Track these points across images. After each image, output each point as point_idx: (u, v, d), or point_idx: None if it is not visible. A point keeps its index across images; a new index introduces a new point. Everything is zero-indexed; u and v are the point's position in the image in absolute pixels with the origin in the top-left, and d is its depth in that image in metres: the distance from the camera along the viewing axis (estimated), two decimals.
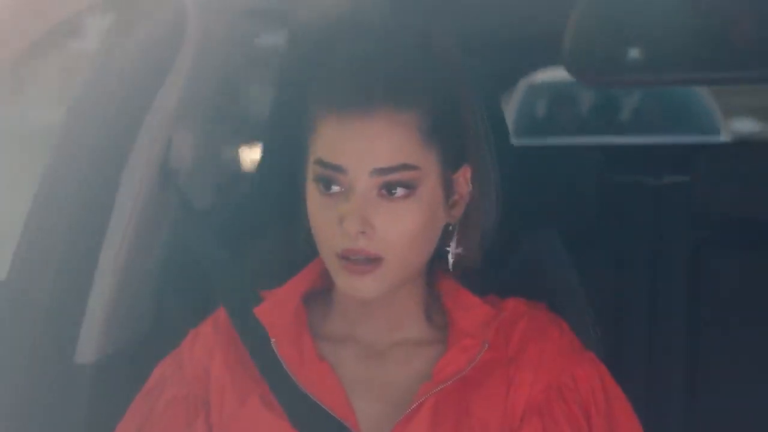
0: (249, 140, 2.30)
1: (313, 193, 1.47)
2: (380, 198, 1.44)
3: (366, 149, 1.43)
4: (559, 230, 1.75)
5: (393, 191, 1.44)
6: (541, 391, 1.51)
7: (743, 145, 4.46)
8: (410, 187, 1.44)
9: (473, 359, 1.50)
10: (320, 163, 1.45)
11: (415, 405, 1.47)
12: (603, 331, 1.70)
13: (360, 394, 1.50)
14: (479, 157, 1.53)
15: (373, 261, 1.44)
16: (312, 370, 1.50)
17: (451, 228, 1.52)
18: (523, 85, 5.57)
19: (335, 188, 1.45)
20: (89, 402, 1.91)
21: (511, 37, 2.58)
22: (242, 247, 1.74)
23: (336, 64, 1.46)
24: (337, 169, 1.44)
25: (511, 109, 5.57)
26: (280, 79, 1.93)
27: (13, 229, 1.93)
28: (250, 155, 2.17)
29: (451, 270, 1.53)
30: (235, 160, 2.41)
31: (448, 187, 1.49)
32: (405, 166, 1.44)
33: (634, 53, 1.98)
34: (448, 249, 1.52)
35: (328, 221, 1.45)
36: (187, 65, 1.95)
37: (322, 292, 1.57)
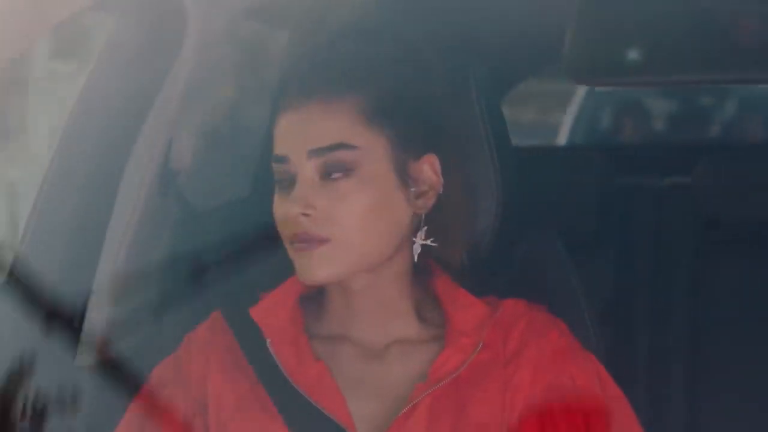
0: (248, 141, 2.30)
1: (275, 191, 1.51)
2: (323, 181, 1.47)
3: (301, 133, 1.47)
4: (559, 231, 1.75)
5: (334, 173, 1.46)
6: (540, 392, 1.50)
7: (745, 145, 4.45)
8: (350, 167, 1.46)
9: (468, 359, 1.50)
10: (273, 158, 1.50)
11: (411, 405, 1.47)
12: (603, 331, 1.70)
13: (356, 394, 1.50)
14: (450, 148, 1.53)
15: (318, 241, 1.46)
16: (308, 371, 1.50)
17: (419, 219, 1.52)
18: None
19: (286, 181, 1.49)
20: (89, 403, 1.91)
21: (511, 37, 2.58)
22: (240, 249, 1.74)
23: (288, 63, 1.53)
24: (282, 159, 1.49)
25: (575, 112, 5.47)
26: (274, 79, 1.94)
27: (14, 230, 1.93)
28: (248, 155, 2.17)
29: (415, 260, 1.53)
30: (235, 161, 2.41)
31: (403, 173, 1.49)
32: (341, 145, 1.46)
33: (634, 54, 1.97)
34: (414, 240, 1.52)
35: (280, 213, 1.49)
36: (187, 65, 1.95)
37: (317, 294, 1.57)
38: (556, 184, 2.38)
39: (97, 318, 1.92)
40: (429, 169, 1.51)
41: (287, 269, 1.56)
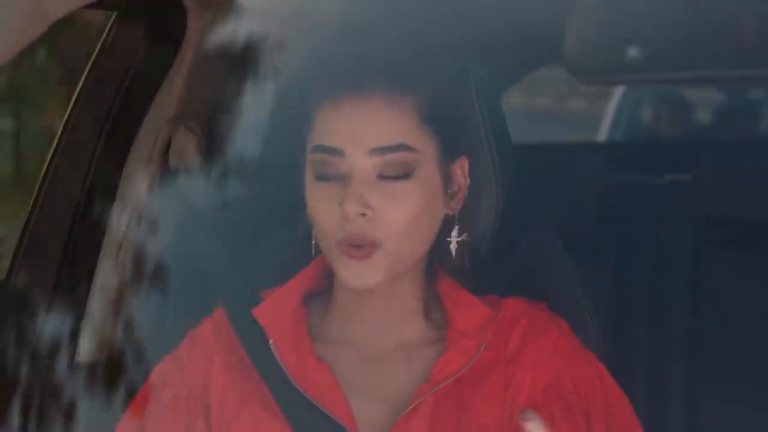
0: (249, 139, 2.31)
1: (312, 183, 1.47)
2: (379, 180, 1.44)
3: (364, 129, 1.44)
4: (559, 229, 1.75)
5: (392, 173, 1.44)
6: (540, 392, 1.50)
7: (746, 143, 4.45)
8: (410, 169, 1.45)
9: (471, 360, 1.50)
10: (318, 149, 1.46)
11: (413, 405, 1.47)
12: (603, 331, 1.69)
13: (358, 395, 1.50)
14: (477, 150, 1.54)
15: (373, 246, 1.44)
16: (310, 372, 1.50)
17: (450, 219, 1.52)
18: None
19: (334, 175, 1.45)
20: (89, 402, 1.91)
21: (512, 36, 2.58)
22: (243, 246, 1.74)
23: (334, 56, 1.48)
24: (335, 152, 1.44)
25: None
26: (281, 77, 1.94)
27: (13, 229, 1.93)
28: (251, 154, 2.18)
29: (453, 256, 1.53)
30: (236, 160, 2.42)
31: (445, 177, 1.50)
32: (404, 146, 1.44)
33: (634, 52, 1.97)
34: (449, 240, 1.52)
35: (327, 208, 1.45)
36: (187, 65, 1.95)
37: (322, 293, 1.57)
38: (556, 182, 2.38)
39: (97, 316, 1.93)
40: (460, 171, 1.52)
41: (290, 268, 1.56)
